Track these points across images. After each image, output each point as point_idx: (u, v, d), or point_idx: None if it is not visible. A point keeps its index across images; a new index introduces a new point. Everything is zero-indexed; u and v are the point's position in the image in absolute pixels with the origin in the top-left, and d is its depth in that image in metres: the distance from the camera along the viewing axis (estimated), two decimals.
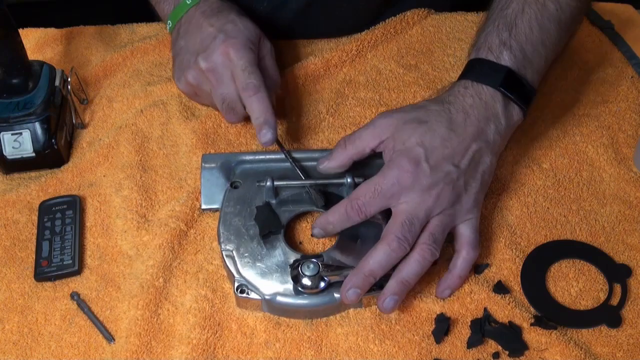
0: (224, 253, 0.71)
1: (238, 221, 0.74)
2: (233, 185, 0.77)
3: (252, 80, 0.77)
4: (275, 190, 0.75)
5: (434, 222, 0.69)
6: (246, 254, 0.71)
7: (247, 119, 0.82)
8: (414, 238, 0.68)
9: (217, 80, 0.79)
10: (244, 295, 0.68)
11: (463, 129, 0.72)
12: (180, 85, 0.83)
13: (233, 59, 0.78)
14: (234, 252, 0.71)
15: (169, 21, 0.86)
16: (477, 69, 0.76)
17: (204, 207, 0.77)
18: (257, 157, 0.80)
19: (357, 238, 0.72)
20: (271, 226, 0.73)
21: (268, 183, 0.74)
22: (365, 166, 0.76)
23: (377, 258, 0.67)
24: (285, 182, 0.75)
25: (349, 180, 0.74)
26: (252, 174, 0.78)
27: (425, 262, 0.68)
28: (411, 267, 0.67)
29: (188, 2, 0.84)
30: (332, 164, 0.74)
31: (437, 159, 0.70)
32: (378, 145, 0.73)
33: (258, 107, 0.77)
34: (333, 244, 0.73)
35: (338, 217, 0.69)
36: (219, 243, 0.72)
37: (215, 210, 0.77)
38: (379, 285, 0.68)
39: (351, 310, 0.69)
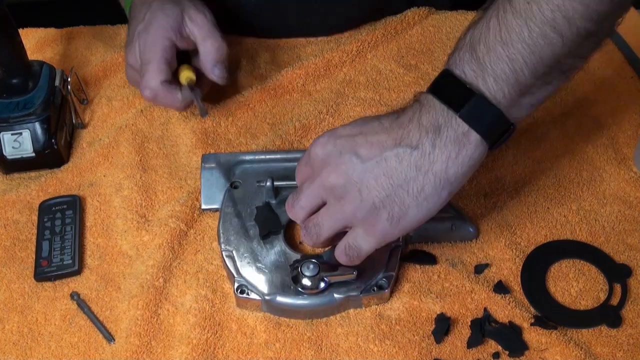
0: (224, 253, 0.71)
1: (238, 221, 0.74)
2: (233, 186, 0.77)
3: (145, 83, 0.79)
4: (276, 190, 0.75)
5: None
6: (246, 254, 0.71)
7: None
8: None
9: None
10: (244, 295, 0.68)
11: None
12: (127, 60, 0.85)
13: (141, 52, 0.80)
14: (233, 252, 0.71)
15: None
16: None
17: (204, 207, 0.77)
18: (257, 157, 0.80)
19: None
20: (271, 226, 0.73)
21: (268, 183, 0.74)
22: None
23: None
24: (285, 182, 0.75)
25: None
26: (252, 174, 0.78)
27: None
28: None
29: None
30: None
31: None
32: None
33: (164, 102, 0.81)
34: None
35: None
36: (219, 243, 0.72)
37: (215, 210, 0.77)
38: (378, 285, 0.68)
39: (351, 310, 0.69)
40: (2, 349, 0.68)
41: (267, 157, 0.80)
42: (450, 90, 0.61)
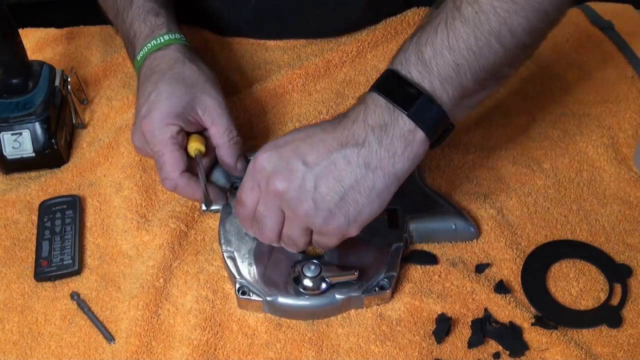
0: (225, 254, 0.71)
1: (239, 222, 0.74)
2: (234, 186, 0.77)
3: (165, 175, 0.73)
4: None
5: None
6: (247, 255, 0.71)
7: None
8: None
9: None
10: (246, 296, 0.68)
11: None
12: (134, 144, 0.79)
13: (149, 141, 0.74)
14: (234, 253, 0.71)
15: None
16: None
17: (204, 208, 0.77)
18: None
19: (358, 237, 0.72)
20: None
21: None
22: None
23: None
24: None
25: None
26: None
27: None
28: None
29: (138, 59, 0.80)
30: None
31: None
32: None
33: (185, 194, 0.75)
34: None
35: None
36: (220, 244, 0.72)
37: (216, 211, 0.77)
38: (380, 286, 0.68)
39: (352, 310, 0.69)
40: (2, 349, 0.68)
41: None
42: (398, 89, 0.63)
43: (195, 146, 0.76)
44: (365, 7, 0.96)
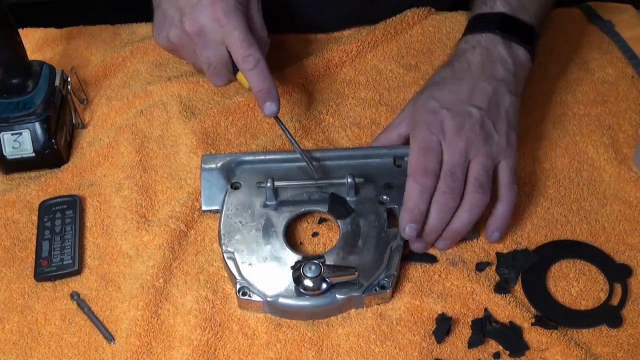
0: (225, 255, 0.71)
1: (239, 222, 0.74)
2: (233, 187, 0.77)
3: (251, 52, 0.75)
4: (276, 191, 0.75)
5: (475, 167, 0.71)
6: (247, 256, 0.71)
7: (232, 82, 0.81)
8: (460, 186, 0.70)
9: (204, 43, 0.76)
10: (246, 297, 0.68)
11: (469, 74, 0.75)
12: (159, 41, 0.80)
13: (224, 25, 0.75)
14: (235, 254, 0.71)
15: None
16: (474, 23, 0.80)
17: (204, 208, 0.77)
18: (257, 157, 0.79)
19: (358, 237, 0.72)
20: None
21: (268, 184, 0.74)
22: (370, 169, 0.77)
23: (432, 217, 0.70)
24: (285, 183, 0.75)
25: (349, 180, 0.74)
26: (253, 174, 0.78)
27: (475, 209, 0.70)
28: (462, 219, 0.70)
29: None
30: (383, 138, 0.79)
31: (453, 104, 0.73)
32: (405, 129, 0.77)
33: (259, 79, 0.75)
34: (334, 244, 0.73)
35: (416, 197, 0.70)
36: (220, 245, 0.72)
37: (216, 211, 0.77)
38: (380, 285, 0.69)
39: (352, 310, 0.69)
40: (2, 349, 0.68)
41: (267, 157, 0.79)
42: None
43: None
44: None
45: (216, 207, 0.76)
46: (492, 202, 0.72)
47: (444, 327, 0.67)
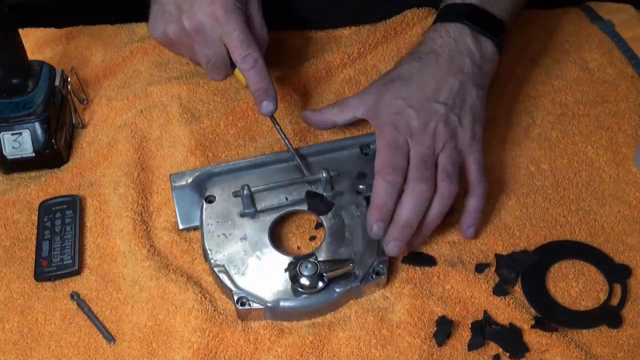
0: (216, 270, 0.70)
1: (222, 235, 0.73)
2: (208, 200, 0.76)
3: (249, 52, 0.76)
4: (252, 198, 0.74)
5: (442, 159, 0.71)
6: (239, 266, 0.70)
7: (230, 77, 0.82)
8: (432, 174, 0.70)
9: (203, 41, 0.77)
10: (246, 307, 0.68)
11: (436, 68, 0.75)
12: (155, 35, 0.80)
13: (223, 23, 0.75)
14: (225, 266, 0.70)
15: None
16: (444, 13, 0.80)
17: (181, 227, 0.75)
18: (226, 167, 0.78)
19: (343, 230, 0.72)
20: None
21: (245, 191, 0.73)
22: (340, 162, 0.78)
23: (406, 207, 0.69)
24: (261, 186, 0.74)
25: (324, 175, 0.74)
26: (225, 185, 0.77)
27: (445, 200, 0.70)
28: (433, 210, 0.70)
29: None
30: (315, 117, 0.79)
31: (419, 102, 0.73)
32: (362, 113, 0.77)
33: (257, 78, 0.76)
34: (321, 242, 0.73)
35: (384, 195, 0.69)
36: (208, 261, 0.71)
37: (195, 228, 0.76)
38: (375, 272, 0.69)
39: (353, 313, 0.69)
40: (2, 349, 0.68)
41: (237, 165, 0.78)
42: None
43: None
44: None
45: (194, 224, 0.75)
46: (463, 197, 0.73)
47: (444, 330, 0.67)
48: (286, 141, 0.78)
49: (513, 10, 0.82)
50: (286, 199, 0.76)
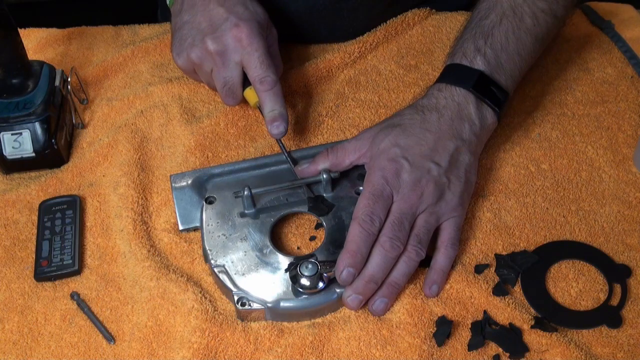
0: (216, 270, 0.70)
1: (222, 235, 0.73)
2: (208, 201, 0.76)
3: (269, 74, 0.78)
4: (253, 199, 0.74)
5: (419, 223, 0.71)
6: (239, 267, 0.70)
7: (243, 102, 0.83)
8: (405, 236, 0.69)
9: (223, 63, 0.80)
10: (246, 307, 0.68)
11: (437, 127, 0.74)
12: (179, 61, 0.83)
13: (246, 46, 0.78)
14: (225, 267, 0.70)
15: None
16: (451, 73, 0.79)
17: (181, 227, 0.76)
18: (226, 168, 0.78)
19: (343, 230, 0.72)
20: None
21: (246, 192, 0.73)
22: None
23: (373, 262, 0.68)
24: (262, 189, 0.74)
25: (325, 176, 0.75)
26: (225, 186, 0.77)
27: (412, 262, 0.69)
28: (399, 269, 0.69)
29: None
30: (310, 168, 0.76)
31: (414, 156, 0.72)
32: (357, 159, 0.75)
33: (273, 100, 0.78)
34: (321, 243, 0.73)
35: (359, 241, 0.68)
36: (208, 261, 0.72)
37: (195, 229, 0.76)
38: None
39: (353, 314, 0.69)
40: (2, 349, 0.68)
41: (237, 167, 0.79)
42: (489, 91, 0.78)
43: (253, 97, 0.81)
44: (375, 17, 0.96)
45: (194, 225, 0.76)
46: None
47: (444, 330, 0.67)
48: (280, 144, 0.79)
49: (518, 76, 0.81)
50: (286, 199, 0.76)
